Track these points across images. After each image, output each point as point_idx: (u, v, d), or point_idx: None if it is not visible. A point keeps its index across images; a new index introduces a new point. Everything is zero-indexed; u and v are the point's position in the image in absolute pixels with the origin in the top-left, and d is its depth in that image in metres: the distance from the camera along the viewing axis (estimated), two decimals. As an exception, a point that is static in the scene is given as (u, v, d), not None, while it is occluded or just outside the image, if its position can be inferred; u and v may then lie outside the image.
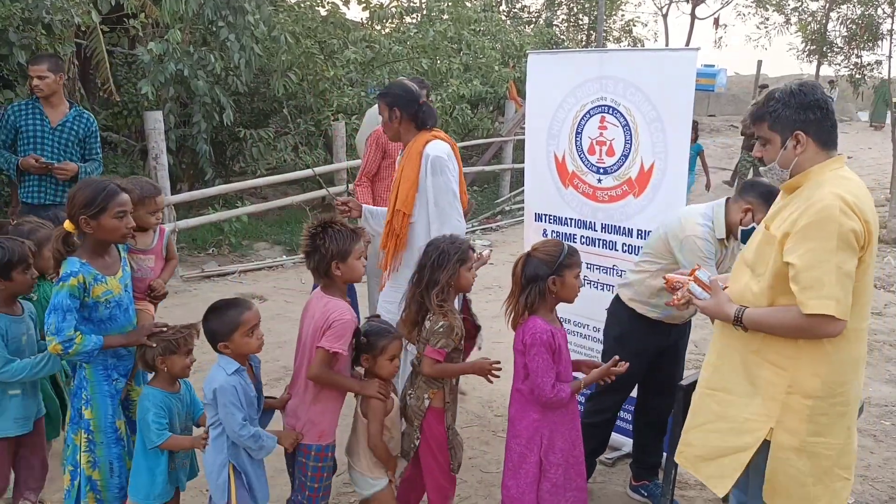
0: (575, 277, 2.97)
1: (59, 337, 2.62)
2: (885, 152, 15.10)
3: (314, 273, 2.95)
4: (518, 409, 3.03)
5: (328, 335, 2.79)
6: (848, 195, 2.26)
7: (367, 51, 11.14)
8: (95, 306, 2.73)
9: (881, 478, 4.14)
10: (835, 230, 2.22)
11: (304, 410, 2.90)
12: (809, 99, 2.36)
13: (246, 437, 2.70)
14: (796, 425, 2.38)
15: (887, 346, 6.28)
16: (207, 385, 2.72)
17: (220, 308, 2.77)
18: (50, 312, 2.64)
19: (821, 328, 2.27)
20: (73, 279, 2.65)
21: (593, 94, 4.04)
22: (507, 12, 19.20)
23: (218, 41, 8.66)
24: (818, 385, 2.34)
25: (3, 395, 2.90)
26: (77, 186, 2.77)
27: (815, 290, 2.22)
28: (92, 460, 2.80)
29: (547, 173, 4.33)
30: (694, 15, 24.07)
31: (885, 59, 13.88)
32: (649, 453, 3.82)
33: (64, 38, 6.99)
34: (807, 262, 2.24)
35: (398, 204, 3.74)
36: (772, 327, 2.38)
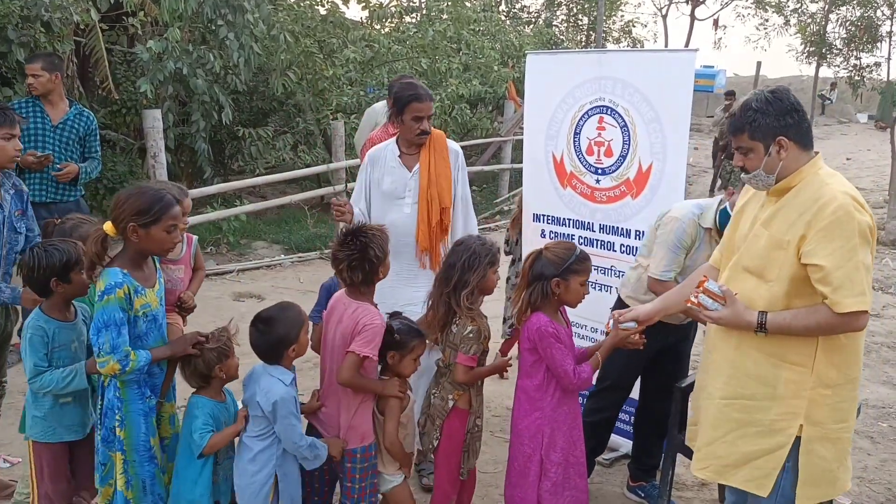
0: (581, 284, 2.94)
1: (116, 355, 2.49)
2: (884, 154, 15.12)
3: (339, 274, 2.94)
4: (520, 407, 3.03)
5: (358, 340, 2.77)
6: (852, 191, 2.35)
7: (366, 50, 11.14)
8: (135, 321, 2.59)
9: (878, 479, 4.14)
10: (855, 228, 2.29)
11: (344, 417, 2.88)
12: (786, 104, 2.43)
13: (305, 447, 2.70)
14: (821, 416, 2.44)
15: (885, 347, 6.29)
16: (264, 398, 2.66)
17: (276, 315, 2.75)
18: (101, 330, 2.49)
19: (853, 324, 2.35)
20: (120, 291, 2.50)
21: (592, 95, 4.04)
22: (507, 12, 19.21)
23: (217, 40, 8.65)
24: (835, 374, 2.42)
25: (55, 402, 2.82)
26: (129, 192, 2.63)
27: (848, 289, 2.29)
28: (126, 480, 2.72)
29: (545, 174, 4.33)
30: (693, 16, 24.10)
31: (885, 60, 13.89)
32: (649, 455, 3.82)
33: (63, 36, 6.99)
34: (834, 262, 2.29)
35: (444, 201, 3.67)
36: (803, 329, 2.39)
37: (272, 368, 2.75)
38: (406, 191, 3.68)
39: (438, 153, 3.70)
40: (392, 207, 3.69)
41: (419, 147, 3.68)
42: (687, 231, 3.31)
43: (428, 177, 3.65)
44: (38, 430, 2.85)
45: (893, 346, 6.31)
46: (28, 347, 2.75)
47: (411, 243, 3.68)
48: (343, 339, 2.84)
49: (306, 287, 7.56)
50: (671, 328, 3.52)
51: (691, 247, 3.33)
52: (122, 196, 2.61)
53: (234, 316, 3.11)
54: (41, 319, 2.78)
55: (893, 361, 5.99)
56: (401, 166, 3.70)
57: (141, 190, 2.62)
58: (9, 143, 3.03)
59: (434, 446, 3.07)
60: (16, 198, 3.22)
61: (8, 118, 3.03)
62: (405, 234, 3.64)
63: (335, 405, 2.91)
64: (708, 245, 3.33)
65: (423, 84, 3.68)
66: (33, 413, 2.84)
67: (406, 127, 3.62)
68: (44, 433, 2.85)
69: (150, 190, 2.63)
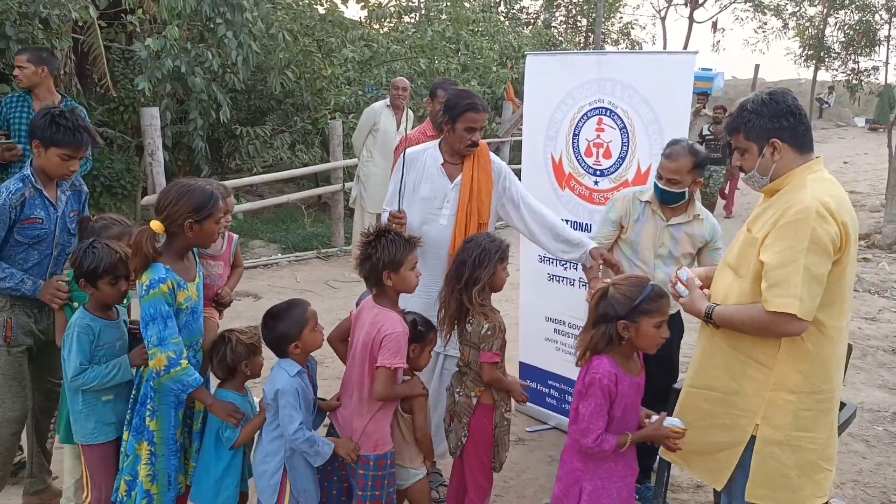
0: (656, 326, 2.54)
1: (163, 348, 2.53)
2: (882, 157, 15.15)
3: (366, 281, 2.92)
4: (566, 451, 2.76)
5: (384, 352, 2.75)
6: (828, 198, 2.31)
7: (365, 50, 11.13)
8: (177, 314, 2.64)
9: (873, 483, 4.15)
10: (808, 232, 2.26)
11: (359, 423, 2.87)
12: (782, 107, 2.42)
13: (300, 440, 2.70)
14: (781, 420, 2.44)
15: (881, 351, 6.29)
16: (269, 386, 2.74)
17: (281, 311, 2.79)
18: (148, 323, 2.53)
19: (782, 326, 2.32)
20: (164, 285, 2.55)
21: (591, 96, 4.04)
22: (506, 13, 19.20)
23: (216, 38, 8.64)
24: (800, 380, 2.40)
25: (98, 400, 2.81)
26: (177, 191, 2.63)
27: (781, 288, 2.29)
28: (152, 473, 2.72)
29: (544, 175, 4.33)
30: (692, 18, 24.12)
31: (883, 65, 13.90)
32: (643, 456, 3.81)
33: (61, 32, 6.98)
34: (777, 260, 2.30)
35: (483, 216, 3.47)
36: (739, 323, 2.44)
37: (281, 361, 2.80)
38: (445, 202, 3.46)
39: (482, 166, 3.50)
40: (428, 216, 3.47)
41: (463, 157, 3.48)
42: (616, 204, 3.57)
43: (470, 190, 3.45)
44: (86, 432, 2.83)
45: (889, 350, 6.32)
46: (74, 345, 2.73)
47: (444, 257, 3.43)
48: (364, 345, 2.83)
49: (303, 286, 7.56)
50: None
51: (625, 218, 3.53)
52: (172, 196, 2.63)
53: (231, 314, 3.11)
54: (87, 318, 2.79)
55: (889, 365, 6.00)
56: (442, 175, 3.47)
57: (190, 188, 2.65)
58: (66, 163, 3.02)
59: (462, 443, 3.07)
60: (73, 198, 3.21)
61: (76, 140, 3.02)
62: (440, 246, 3.44)
63: (350, 409, 2.90)
64: (652, 219, 3.50)
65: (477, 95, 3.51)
66: (77, 416, 2.82)
67: (457, 136, 3.41)
68: (92, 435, 2.83)
69: (198, 186, 2.67)
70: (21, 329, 3.12)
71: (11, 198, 2.96)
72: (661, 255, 3.51)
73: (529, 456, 4.24)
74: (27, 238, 3.04)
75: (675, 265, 3.48)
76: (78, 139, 3.01)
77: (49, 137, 2.98)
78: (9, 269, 3.01)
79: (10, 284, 3.01)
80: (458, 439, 3.09)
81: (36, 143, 3.01)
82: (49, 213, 3.09)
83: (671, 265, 3.48)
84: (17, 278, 3.02)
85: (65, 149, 3.00)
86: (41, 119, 2.99)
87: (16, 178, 3.04)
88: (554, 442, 4.30)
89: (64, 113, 3.01)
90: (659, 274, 3.47)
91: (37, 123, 3.00)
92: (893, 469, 4.31)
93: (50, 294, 3.00)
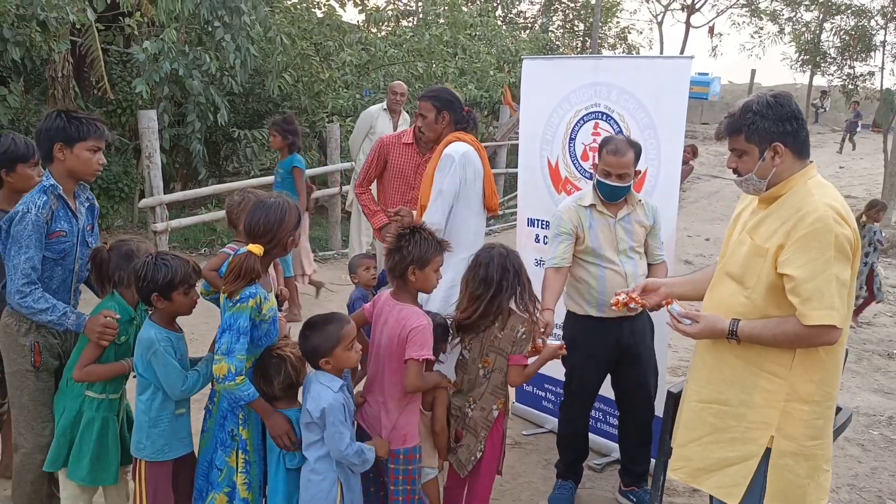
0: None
1: (229, 358, 2.54)
2: (877, 162, 15.20)
3: (389, 273, 2.95)
4: None
5: (412, 345, 2.78)
6: (836, 204, 2.31)
7: (362, 53, 11.14)
8: (260, 324, 2.68)
9: (868, 487, 4.16)
10: (831, 240, 2.25)
11: (388, 418, 2.88)
12: (786, 111, 2.39)
13: (351, 454, 2.68)
14: (795, 431, 2.41)
15: (876, 355, 6.31)
16: (313, 405, 2.66)
17: (318, 324, 2.76)
18: (224, 331, 2.56)
19: (821, 338, 2.31)
20: (252, 300, 2.58)
21: (588, 101, 4.05)
22: (504, 17, 19.24)
23: (213, 41, 8.65)
24: (814, 390, 2.38)
25: (173, 415, 2.78)
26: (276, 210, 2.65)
27: (817, 301, 2.26)
28: (248, 481, 2.73)
29: (540, 178, 4.34)
30: (689, 23, 24.18)
31: (878, 70, 13.95)
32: (635, 462, 3.82)
33: (59, 35, 6.98)
34: (806, 274, 2.27)
35: (423, 199, 3.78)
36: (771, 339, 2.39)
37: (321, 375, 2.75)
38: None
39: (436, 156, 3.81)
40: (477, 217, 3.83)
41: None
42: (563, 217, 3.52)
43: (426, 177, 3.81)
44: (153, 449, 2.76)
45: (884, 355, 6.34)
46: (161, 360, 2.69)
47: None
48: (390, 340, 2.86)
49: (299, 288, 7.54)
50: (621, 324, 3.56)
51: (578, 229, 3.50)
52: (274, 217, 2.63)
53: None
54: (162, 331, 2.74)
55: (885, 369, 6.01)
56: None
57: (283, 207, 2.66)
58: (94, 156, 2.93)
59: (477, 458, 3.07)
60: (88, 212, 3.09)
61: (98, 129, 2.92)
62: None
63: (377, 406, 2.92)
64: (601, 220, 3.49)
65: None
66: (149, 432, 2.76)
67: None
68: (160, 451, 2.77)
69: (285, 203, 2.69)
70: (49, 352, 2.95)
71: (41, 212, 2.79)
72: (622, 249, 3.51)
73: (525, 459, 4.24)
74: (54, 253, 2.88)
75: (638, 256, 3.53)
76: (101, 128, 2.93)
77: (73, 134, 2.85)
78: (51, 301, 2.80)
79: (51, 318, 2.80)
80: (471, 454, 3.07)
81: (59, 146, 2.86)
82: (72, 224, 2.94)
83: (634, 256, 3.53)
84: (59, 311, 2.80)
85: (92, 140, 2.90)
86: (55, 121, 2.86)
87: (36, 191, 2.86)
88: (550, 445, 4.30)
89: (70, 109, 2.94)
90: (628, 268, 3.50)
91: (52, 126, 2.86)
92: (889, 473, 4.32)
93: (99, 331, 2.79)
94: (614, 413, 3.98)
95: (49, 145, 2.87)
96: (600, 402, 4.22)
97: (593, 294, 3.53)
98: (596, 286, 3.52)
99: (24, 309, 2.79)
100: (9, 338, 2.91)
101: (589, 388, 3.70)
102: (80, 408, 2.88)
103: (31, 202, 2.80)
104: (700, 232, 11.36)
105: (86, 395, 2.88)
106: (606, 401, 4.11)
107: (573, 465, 3.84)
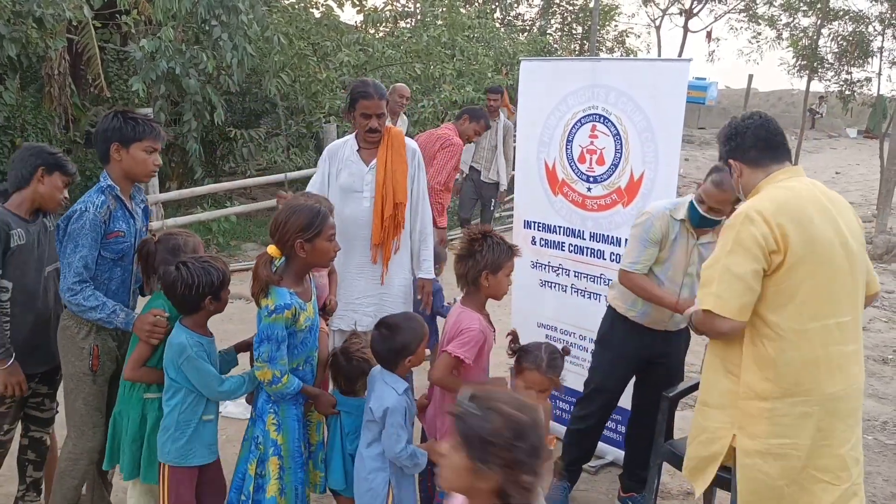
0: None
1: (271, 364, 2.60)
2: (873, 168, 15.23)
3: (461, 279, 2.95)
4: None
5: (455, 341, 2.83)
6: (768, 203, 2.40)
7: (360, 54, 11.13)
8: (296, 334, 2.71)
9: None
10: (732, 236, 2.40)
11: (441, 421, 2.92)
12: (728, 130, 2.61)
13: (405, 457, 2.72)
14: (757, 429, 2.43)
15: (871, 360, 6.31)
16: (376, 403, 2.72)
17: (401, 323, 2.81)
18: (262, 341, 2.60)
19: (711, 324, 2.44)
20: (288, 311, 2.60)
21: (585, 103, 4.05)
22: (502, 20, 19.25)
23: (211, 40, 8.63)
24: (769, 387, 2.41)
25: (200, 421, 2.78)
26: (285, 213, 2.67)
27: (706, 287, 2.45)
28: (280, 487, 2.72)
29: (537, 181, 4.33)
30: (686, 28, 24.18)
31: (876, 76, 13.97)
32: (641, 466, 3.79)
33: (55, 32, 6.97)
34: (708, 262, 2.50)
35: (398, 196, 3.67)
36: (697, 323, 2.56)
37: (387, 375, 2.78)
38: (363, 185, 3.68)
39: (395, 150, 3.70)
40: (350, 201, 3.68)
41: (376, 144, 3.69)
42: (655, 224, 3.35)
43: (384, 172, 3.65)
44: (177, 454, 2.76)
45: (879, 360, 6.34)
46: (194, 364, 2.69)
47: (367, 237, 3.69)
48: (446, 341, 2.91)
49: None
50: (659, 335, 3.52)
51: (664, 240, 3.36)
52: (281, 218, 2.66)
53: (221, 317, 3.07)
54: (194, 336, 2.74)
55: (879, 374, 6.01)
56: (358, 161, 3.71)
57: (297, 208, 2.68)
58: (150, 156, 2.91)
59: None
60: (143, 213, 3.10)
61: (154, 130, 2.90)
62: (363, 226, 3.68)
63: (435, 409, 2.95)
64: (685, 237, 3.38)
65: (377, 83, 3.68)
66: (174, 436, 2.74)
67: (356, 123, 3.66)
68: (185, 456, 2.77)
69: (302, 205, 2.69)
70: (108, 356, 2.94)
71: (99, 212, 2.78)
72: (690, 273, 3.39)
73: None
74: (113, 253, 2.86)
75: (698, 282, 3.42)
76: (156, 128, 2.92)
77: (129, 135, 2.84)
78: (101, 299, 2.79)
79: (101, 316, 2.79)
80: None
81: (115, 146, 2.85)
82: (130, 225, 2.93)
83: (697, 283, 3.31)
84: (108, 309, 2.80)
85: (148, 141, 2.88)
86: (111, 121, 2.85)
87: (94, 191, 2.85)
88: (544, 448, 4.28)
89: (127, 110, 2.93)
90: (685, 293, 3.37)
91: (109, 127, 2.85)
92: (883, 478, 4.32)
93: (148, 329, 2.79)
94: (613, 416, 3.96)
95: (106, 146, 2.88)
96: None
97: (641, 302, 3.44)
98: None
99: (75, 306, 2.79)
100: (68, 340, 2.89)
101: (610, 389, 3.65)
102: (143, 412, 2.87)
103: (89, 201, 2.80)
104: (696, 236, 11.38)
105: (145, 398, 2.87)
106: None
107: (573, 465, 3.81)
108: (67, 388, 2.93)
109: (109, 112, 2.92)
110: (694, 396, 3.35)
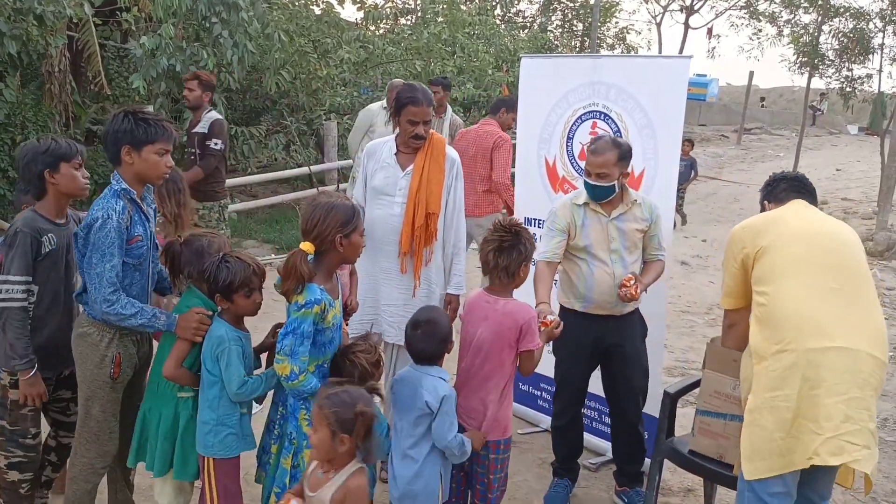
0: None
1: (292, 359, 2.60)
2: (874, 165, 15.21)
3: (502, 271, 2.97)
4: None
5: (528, 337, 2.92)
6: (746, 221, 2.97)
7: (360, 51, 11.12)
8: (323, 331, 2.70)
9: (863, 488, 4.14)
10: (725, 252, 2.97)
11: (491, 411, 2.96)
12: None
13: (456, 445, 2.78)
14: (758, 386, 2.63)
15: (871, 357, 6.31)
16: (431, 395, 2.75)
17: (436, 317, 2.89)
18: (287, 334, 2.60)
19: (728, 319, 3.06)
20: (318, 307, 2.61)
21: (585, 100, 4.05)
22: (502, 17, 19.21)
23: (211, 37, 8.62)
24: (765, 346, 2.62)
25: (238, 413, 2.79)
26: (322, 209, 2.65)
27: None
28: None
29: (537, 177, 4.33)
30: (687, 24, 24.15)
31: (876, 73, 13.93)
32: (628, 461, 3.81)
33: (55, 29, 6.95)
34: None
35: (431, 206, 3.55)
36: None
37: (429, 369, 2.83)
38: (396, 189, 3.57)
39: (434, 158, 3.59)
40: (381, 204, 3.59)
41: (416, 149, 3.59)
42: (558, 214, 3.57)
43: (419, 179, 3.54)
44: (222, 446, 2.76)
45: (880, 356, 6.34)
46: (234, 358, 2.71)
47: (395, 242, 3.57)
48: (495, 335, 2.94)
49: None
50: (606, 320, 3.58)
51: (571, 227, 3.52)
52: (319, 214, 2.65)
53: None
54: (232, 331, 2.77)
55: (880, 371, 6.01)
56: (395, 164, 3.60)
57: (334, 204, 2.68)
58: (162, 158, 2.83)
59: None
60: (153, 215, 3.06)
61: (166, 132, 2.82)
62: (391, 231, 3.56)
63: (479, 400, 2.97)
64: (595, 218, 3.52)
65: (425, 88, 3.58)
66: (216, 430, 2.75)
67: (402, 129, 3.55)
68: (229, 448, 2.77)
69: (339, 202, 2.70)
70: (128, 362, 2.91)
71: (122, 218, 2.72)
72: (615, 249, 3.51)
73: (520, 458, 4.24)
74: (134, 258, 2.81)
75: (630, 256, 3.53)
76: (168, 130, 2.85)
77: (141, 137, 2.76)
78: (138, 305, 2.75)
79: (142, 321, 2.75)
80: None
81: (126, 149, 2.76)
82: (145, 228, 2.87)
83: (627, 257, 3.52)
84: (148, 313, 2.76)
85: (160, 143, 2.81)
86: (121, 123, 2.76)
87: (110, 195, 2.78)
88: (545, 444, 4.30)
89: (137, 110, 2.84)
90: (618, 269, 3.50)
91: (119, 129, 2.77)
92: (883, 475, 4.32)
93: (194, 328, 2.78)
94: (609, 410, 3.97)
95: (116, 148, 2.79)
96: (596, 402, 4.22)
97: (580, 290, 3.56)
98: (584, 283, 3.54)
99: (114, 316, 2.72)
100: (89, 348, 2.84)
101: (574, 381, 3.72)
102: (176, 410, 2.87)
103: (109, 208, 2.72)
104: (697, 233, 11.36)
105: (178, 397, 2.87)
106: (601, 400, 4.11)
107: (567, 461, 3.83)
108: (84, 395, 2.89)
109: (119, 112, 2.83)
110: (694, 394, 3.37)
